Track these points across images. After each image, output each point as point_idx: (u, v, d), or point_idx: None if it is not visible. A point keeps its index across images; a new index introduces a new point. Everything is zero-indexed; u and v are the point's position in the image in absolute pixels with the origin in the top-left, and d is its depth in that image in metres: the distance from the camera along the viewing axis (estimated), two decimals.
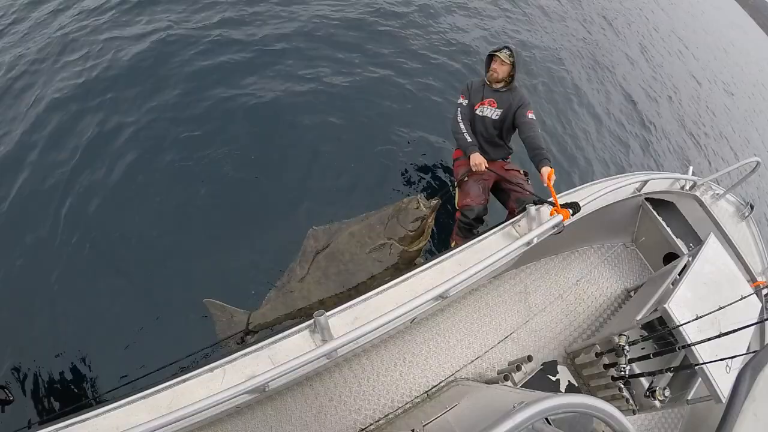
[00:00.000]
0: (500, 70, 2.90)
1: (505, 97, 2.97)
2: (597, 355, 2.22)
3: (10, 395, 1.63)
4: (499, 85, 2.97)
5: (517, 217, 2.37)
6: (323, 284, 2.43)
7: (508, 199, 3.04)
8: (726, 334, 1.72)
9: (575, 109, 6.41)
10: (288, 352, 1.66)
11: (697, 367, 1.82)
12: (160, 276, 2.96)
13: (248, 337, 2.42)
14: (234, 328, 2.42)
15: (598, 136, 6.19)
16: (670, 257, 2.98)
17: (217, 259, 3.07)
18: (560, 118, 5.96)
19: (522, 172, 3.14)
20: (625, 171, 5.52)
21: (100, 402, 1.49)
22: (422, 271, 2.03)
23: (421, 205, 2.53)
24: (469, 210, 2.91)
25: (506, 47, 2.91)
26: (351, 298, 2.39)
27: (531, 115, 2.89)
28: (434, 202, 2.60)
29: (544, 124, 5.53)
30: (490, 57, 2.97)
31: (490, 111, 3.01)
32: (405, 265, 2.50)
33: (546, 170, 2.58)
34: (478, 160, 2.84)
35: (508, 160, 3.25)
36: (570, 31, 8.66)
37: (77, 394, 2.48)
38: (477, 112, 3.03)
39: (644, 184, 2.87)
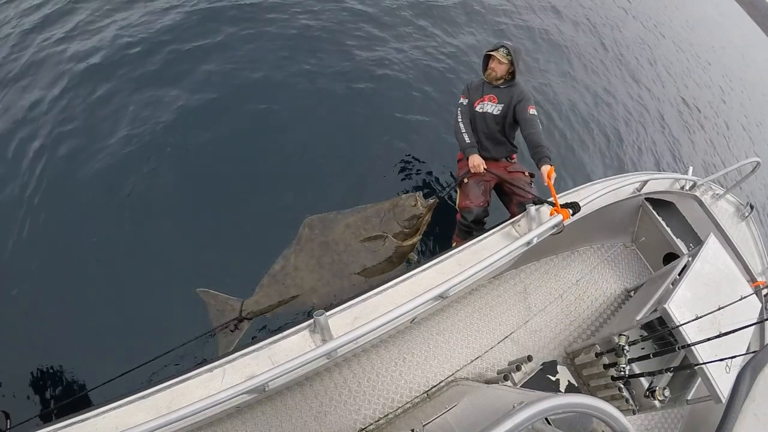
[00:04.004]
0: (498, 69, 2.87)
1: (506, 92, 2.92)
2: (597, 355, 2.22)
3: (8, 421, 1.62)
4: (499, 82, 2.94)
5: (517, 217, 2.38)
6: (316, 273, 2.44)
7: (510, 202, 3.02)
8: (726, 334, 1.72)
9: (576, 107, 6.41)
10: (288, 352, 1.66)
11: (696, 367, 1.82)
12: (154, 267, 2.96)
13: (242, 324, 2.43)
14: (227, 316, 2.43)
15: (598, 136, 6.20)
16: (670, 257, 2.98)
17: (212, 246, 3.07)
18: (560, 117, 5.96)
19: (527, 173, 3.08)
20: (625, 171, 5.52)
21: (98, 400, 1.49)
22: (422, 271, 2.04)
23: (419, 203, 2.54)
24: (467, 212, 2.90)
25: (503, 45, 2.86)
26: (343, 287, 2.40)
27: (532, 111, 2.82)
28: (431, 201, 2.61)
29: (551, 125, 5.54)
30: (487, 57, 2.94)
31: (491, 107, 2.95)
32: (398, 259, 2.51)
33: (546, 168, 2.55)
34: (476, 162, 2.83)
35: (513, 160, 3.19)
36: (572, 31, 8.67)
37: (75, 392, 2.47)
38: (477, 109, 3.00)
39: (644, 184, 2.87)
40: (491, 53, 2.88)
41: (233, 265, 2.97)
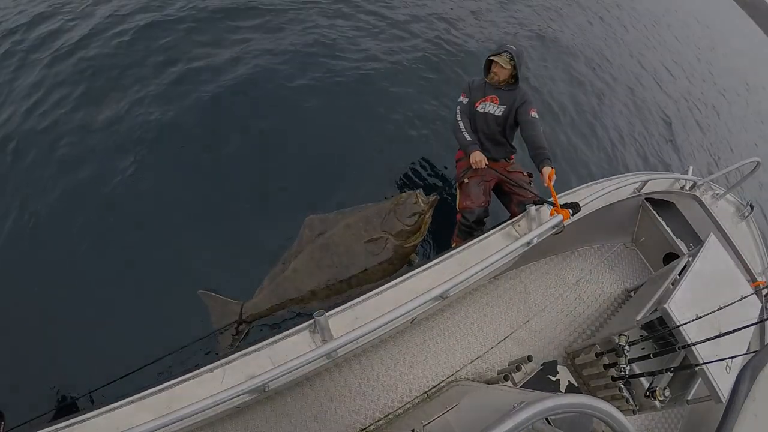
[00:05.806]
0: (501, 73, 2.84)
1: (509, 94, 2.91)
2: (597, 355, 2.22)
3: (2, 423, 1.62)
4: (501, 84, 2.92)
5: (517, 218, 2.38)
6: (316, 276, 2.43)
7: (510, 202, 3.02)
8: (726, 334, 1.72)
9: (576, 108, 6.42)
10: (288, 352, 1.67)
11: (697, 367, 1.82)
12: (155, 269, 2.96)
13: (242, 326, 2.43)
14: (228, 319, 2.42)
15: (599, 136, 6.20)
16: (670, 257, 2.98)
17: (212, 249, 3.07)
18: (561, 118, 5.96)
19: (526, 173, 3.08)
20: (626, 171, 5.52)
21: (99, 401, 1.50)
22: (422, 271, 2.04)
23: (420, 200, 2.53)
24: (469, 212, 2.89)
25: (506, 51, 2.82)
26: (343, 290, 2.40)
27: (534, 114, 2.82)
28: (432, 198, 2.60)
29: (553, 125, 5.54)
30: (490, 61, 2.90)
31: (492, 107, 2.93)
32: (399, 260, 2.50)
33: (547, 170, 2.55)
34: (477, 158, 2.81)
35: (512, 161, 3.19)
36: (572, 30, 8.67)
37: (76, 393, 2.47)
38: (478, 109, 2.97)
39: (644, 184, 2.87)
40: (493, 58, 2.85)
41: (234, 267, 2.96)
